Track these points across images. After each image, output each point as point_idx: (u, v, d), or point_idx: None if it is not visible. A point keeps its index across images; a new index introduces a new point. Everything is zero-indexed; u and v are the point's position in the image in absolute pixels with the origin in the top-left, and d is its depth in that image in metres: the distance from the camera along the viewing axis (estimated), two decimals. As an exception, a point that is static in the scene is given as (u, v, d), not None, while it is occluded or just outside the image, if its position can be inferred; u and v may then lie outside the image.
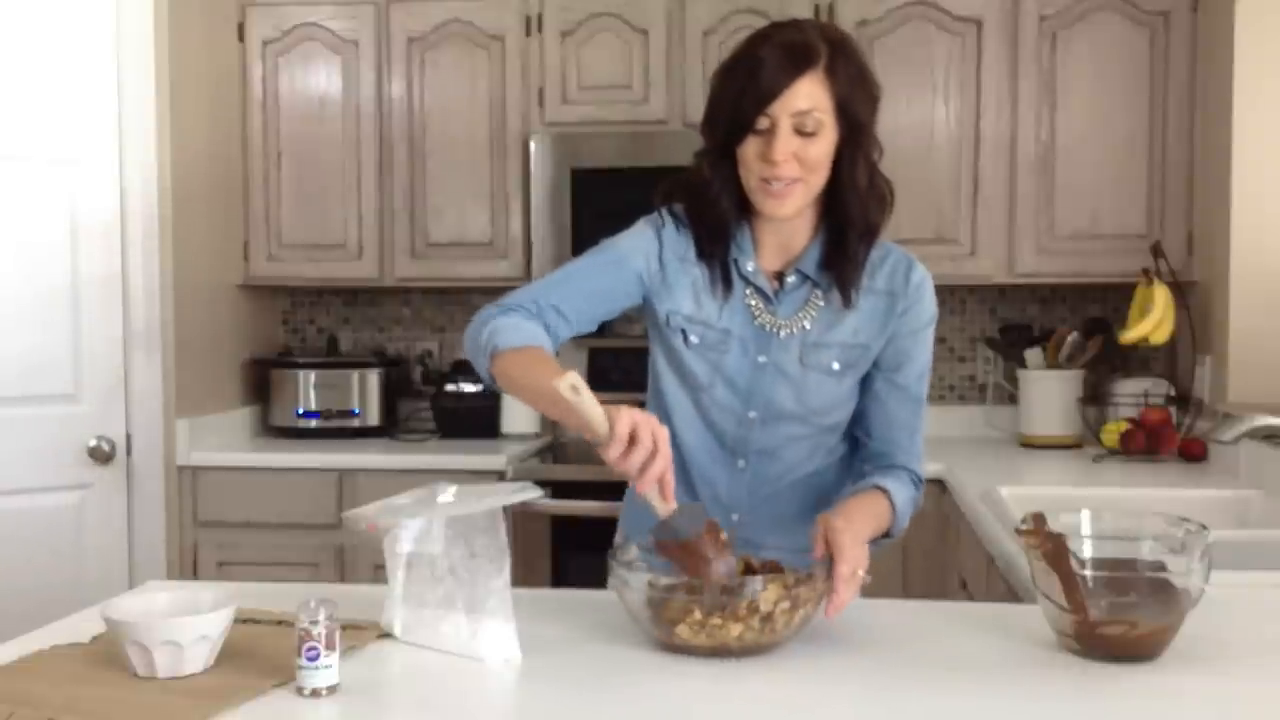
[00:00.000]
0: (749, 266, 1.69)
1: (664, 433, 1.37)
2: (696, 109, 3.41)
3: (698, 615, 1.37)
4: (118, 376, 3.20)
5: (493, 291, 3.81)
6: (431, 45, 3.58)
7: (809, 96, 1.55)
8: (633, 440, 1.35)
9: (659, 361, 1.77)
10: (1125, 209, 3.35)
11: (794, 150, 1.56)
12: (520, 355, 1.56)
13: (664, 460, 1.37)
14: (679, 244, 1.70)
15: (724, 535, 1.45)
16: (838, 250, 1.66)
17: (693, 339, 1.70)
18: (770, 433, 1.73)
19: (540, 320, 1.63)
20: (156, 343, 3.25)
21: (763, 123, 1.56)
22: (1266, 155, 3.00)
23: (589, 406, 1.36)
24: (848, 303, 1.67)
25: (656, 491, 1.39)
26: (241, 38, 3.63)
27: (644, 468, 1.35)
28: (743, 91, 1.57)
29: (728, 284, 1.69)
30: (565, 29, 3.51)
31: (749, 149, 1.59)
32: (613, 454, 1.35)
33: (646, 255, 1.70)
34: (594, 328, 1.72)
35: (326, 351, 3.85)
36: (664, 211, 1.73)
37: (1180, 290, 3.24)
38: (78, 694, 1.26)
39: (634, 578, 1.42)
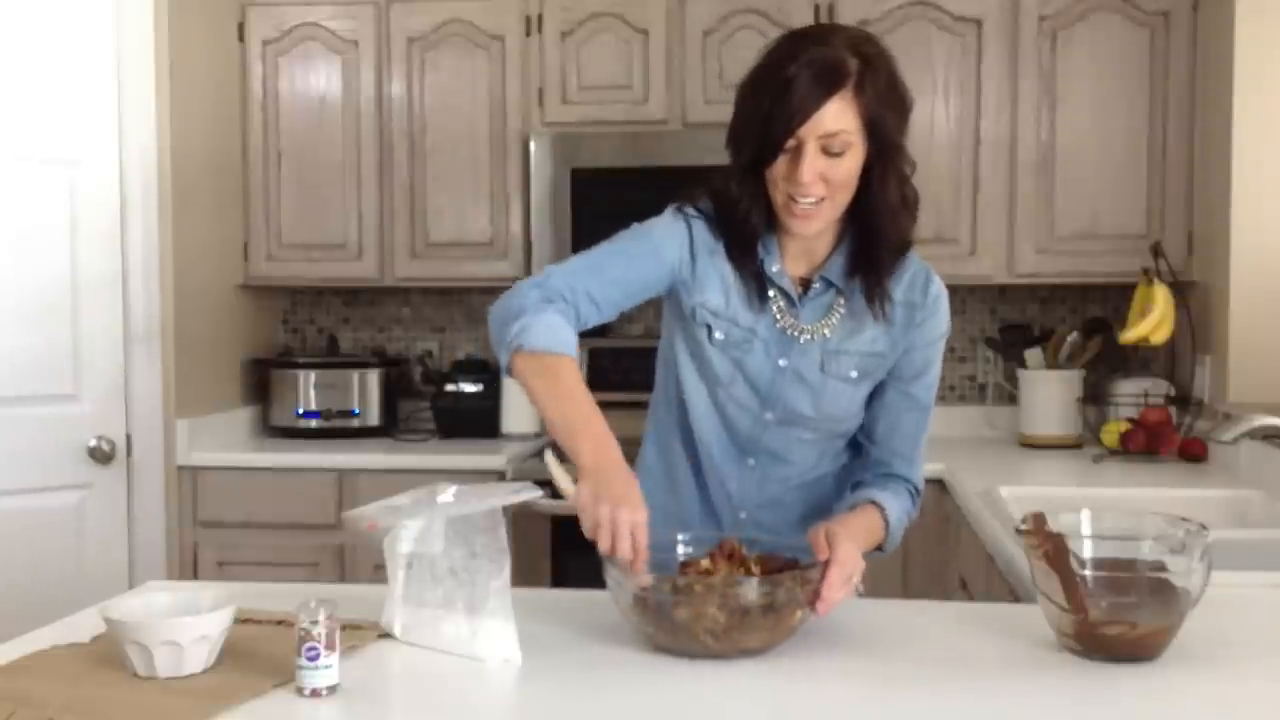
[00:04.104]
0: (774, 268, 1.68)
1: (630, 526, 1.39)
2: (696, 109, 3.44)
3: (686, 615, 1.38)
4: (118, 376, 3.20)
5: (493, 291, 3.81)
6: (431, 45, 3.58)
7: (837, 118, 1.52)
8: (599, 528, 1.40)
9: (680, 353, 1.75)
10: (1125, 209, 3.35)
11: (821, 170, 1.54)
12: (541, 365, 1.55)
13: (626, 554, 1.40)
14: (709, 237, 1.69)
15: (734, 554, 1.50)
16: (866, 262, 1.65)
17: (718, 335, 1.69)
18: (783, 435, 1.73)
19: (574, 309, 1.61)
20: (156, 343, 3.25)
21: (790, 143, 1.54)
22: (1266, 155, 3.00)
23: (561, 483, 1.47)
24: (880, 316, 1.66)
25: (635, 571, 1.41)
26: (241, 38, 3.63)
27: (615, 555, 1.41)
28: (770, 113, 1.53)
29: (761, 292, 1.67)
30: (565, 29, 3.51)
31: (776, 168, 1.57)
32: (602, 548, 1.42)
33: (680, 246, 1.68)
34: (617, 315, 1.70)
35: (326, 351, 3.85)
36: (690, 206, 1.71)
37: (1180, 290, 3.24)
38: (78, 694, 1.26)
39: (623, 577, 1.42)
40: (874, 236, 1.63)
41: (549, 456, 1.49)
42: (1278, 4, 2.98)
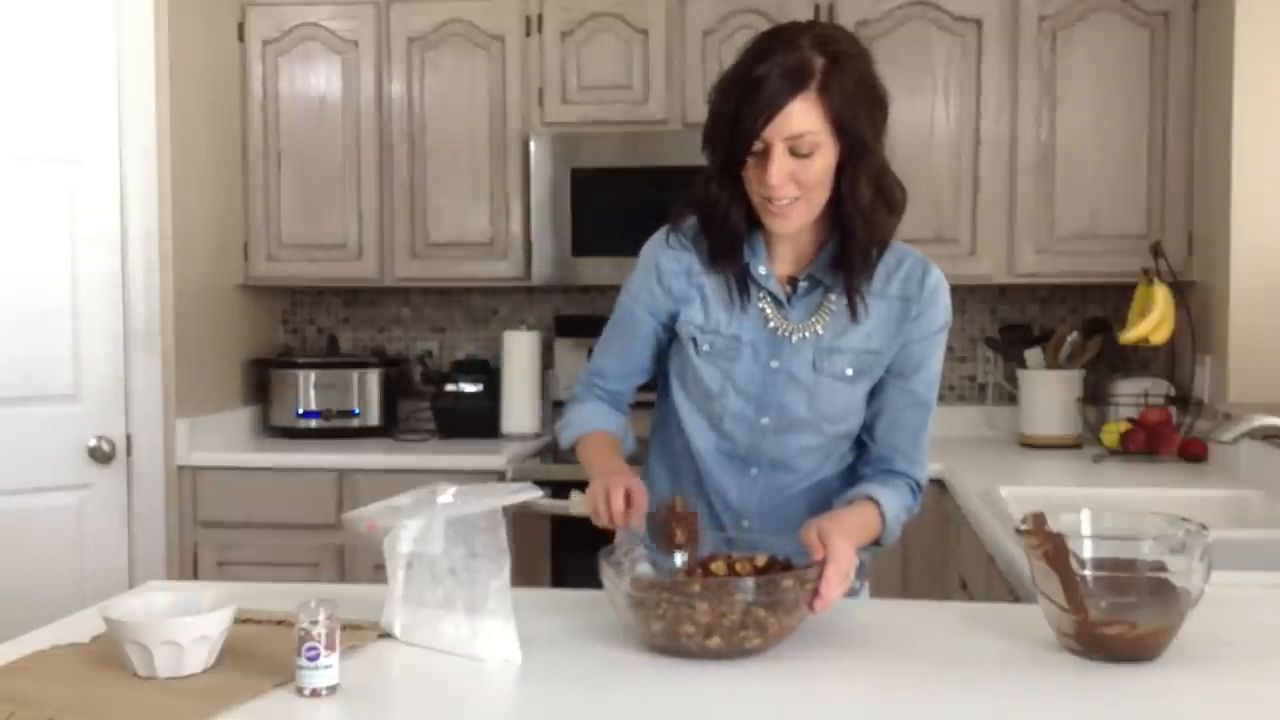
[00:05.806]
0: (761, 270, 1.68)
1: (623, 485, 1.58)
2: (696, 109, 3.43)
3: (684, 616, 1.37)
4: (118, 376, 3.20)
5: (493, 291, 3.87)
6: (431, 45, 3.58)
7: (802, 119, 1.52)
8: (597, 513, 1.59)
9: (671, 371, 1.79)
10: (1125, 209, 3.35)
11: (790, 171, 1.54)
12: (580, 447, 1.80)
13: (619, 504, 1.57)
14: (679, 264, 1.72)
15: (684, 509, 1.59)
16: (848, 258, 1.65)
17: (703, 347, 1.71)
18: (783, 442, 1.73)
19: (593, 397, 1.83)
20: (156, 343, 3.25)
21: (758, 145, 1.55)
22: (1266, 155, 3.00)
23: (574, 502, 1.65)
24: (855, 314, 1.66)
25: (629, 521, 1.58)
26: (241, 38, 3.63)
27: (612, 519, 1.57)
28: (737, 114, 1.55)
29: (744, 292, 1.68)
30: (565, 29, 3.51)
31: (748, 169, 1.58)
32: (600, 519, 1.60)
33: (650, 292, 1.74)
34: (651, 373, 1.84)
35: (326, 351, 3.85)
36: (668, 233, 1.74)
37: (1180, 290, 3.24)
38: (78, 694, 1.26)
39: (620, 578, 1.42)
40: (847, 236, 1.63)
41: (575, 500, 1.65)
42: (1278, 4, 2.98)
